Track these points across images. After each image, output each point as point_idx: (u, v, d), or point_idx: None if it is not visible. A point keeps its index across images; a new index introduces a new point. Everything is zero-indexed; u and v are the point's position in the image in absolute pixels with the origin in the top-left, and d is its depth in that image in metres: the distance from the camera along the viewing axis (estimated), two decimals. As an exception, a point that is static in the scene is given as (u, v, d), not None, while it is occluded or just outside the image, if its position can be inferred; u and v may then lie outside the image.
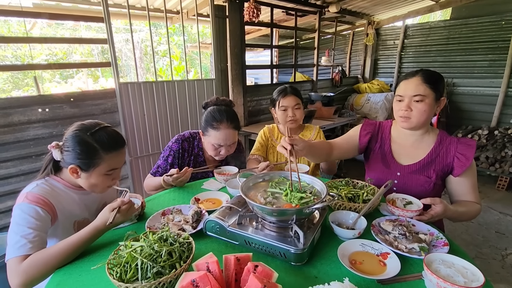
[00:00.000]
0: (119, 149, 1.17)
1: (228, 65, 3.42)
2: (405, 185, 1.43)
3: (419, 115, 1.30)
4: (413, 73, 1.33)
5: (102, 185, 1.18)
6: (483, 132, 4.09)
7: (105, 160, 1.12)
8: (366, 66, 5.91)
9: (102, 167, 1.13)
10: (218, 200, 1.42)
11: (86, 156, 1.10)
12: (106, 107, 2.60)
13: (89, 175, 1.13)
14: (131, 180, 2.83)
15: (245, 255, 0.87)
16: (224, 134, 1.61)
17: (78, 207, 1.21)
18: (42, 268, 0.94)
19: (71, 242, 0.99)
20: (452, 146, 1.35)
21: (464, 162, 1.30)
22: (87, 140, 1.10)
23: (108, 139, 1.13)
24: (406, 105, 1.31)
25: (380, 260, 0.96)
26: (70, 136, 1.11)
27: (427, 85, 1.27)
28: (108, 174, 1.16)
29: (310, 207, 0.94)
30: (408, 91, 1.30)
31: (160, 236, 0.93)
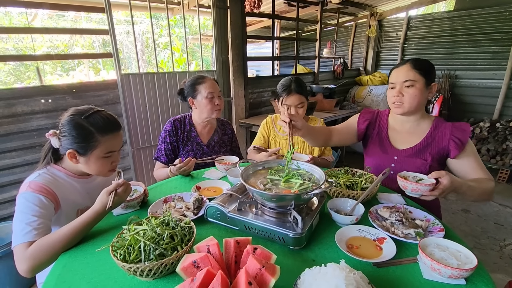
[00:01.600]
0: (115, 131, 1.19)
1: (229, 56, 3.42)
2: (402, 168, 1.45)
3: (411, 99, 1.35)
4: (402, 62, 1.40)
5: (102, 169, 1.20)
6: (485, 124, 4.08)
7: (101, 142, 1.14)
8: (368, 58, 5.87)
9: (99, 149, 1.15)
10: (218, 188, 1.45)
11: (82, 139, 1.12)
12: (108, 98, 2.62)
13: (87, 158, 1.15)
14: (134, 171, 2.86)
15: (244, 238, 0.89)
16: (211, 83, 1.80)
17: (80, 195, 1.24)
18: (48, 253, 0.97)
19: (74, 226, 1.01)
20: (447, 130, 1.40)
21: (460, 146, 1.35)
22: (82, 124, 1.11)
23: (103, 122, 1.15)
24: (397, 91, 1.37)
25: (376, 244, 0.99)
26: (65, 121, 1.13)
27: (416, 70, 1.34)
28: (107, 157, 1.18)
29: (309, 193, 0.96)
30: (399, 78, 1.36)
31: (162, 220, 0.96)
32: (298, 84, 1.80)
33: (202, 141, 1.90)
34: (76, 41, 8.99)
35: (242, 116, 3.69)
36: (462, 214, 3.05)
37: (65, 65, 8.87)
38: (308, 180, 1.11)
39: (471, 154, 1.36)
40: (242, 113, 3.68)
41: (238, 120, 3.65)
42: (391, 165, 1.50)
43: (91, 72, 8.68)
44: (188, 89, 1.83)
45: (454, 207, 3.18)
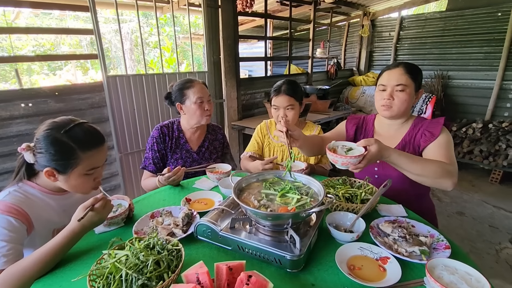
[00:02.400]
0: (98, 146, 1.08)
1: (221, 57, 3.32)
2: (384, 171, 1.45)
3: (400, 103, 1.33)
4: (395, 64, 1.38)
5: (84, 186, 1.11)
6: (478, 125, 4.09)
7: (83, 159, 1.03)
8: (362, 58, 5.85)
9: (81, 167, 1.04)
10: (210, 200, 1.36)
11: (61, 157, 1.01)
12: (94, 102, 2.50)
13: (67, 177, 1.05)
14: (121, 177, 2.75)
15: (237, 263, 0.81)
16: (200, 87, 1.71)
17: (56, 213, 1.13)
18: (19, 281, 0.87)
19: (47, 250, 0.91)
20: (423, 126, 1.37)
21: (429, 137, 1.32)
22: (62, 139, 1.01)
23: (85, 136, 1.04)
24: (388, 94, 1.34)
25: (379, 265, 0.92)
26: (41, 137, 1.01)
27: (408, 75, 1.32)
28: (89, 174, 1.08)
29: (307, 211, 0.89)
30: (391, 81, 1.34)
31: (147, 244, 0.87)
32: (290, 86, 1.72)
33: (191, 148, 1.81)
34: (63, 40, 8.72)
35: (234, 118, 3.60)
36: (457, 217, 3.03)
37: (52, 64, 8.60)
38: (306, 194, 1.04)
39: (442, 144, 1.28)
40: (234, 115, 3.59)
41: (230, 122, 3.56)
42: (375, 169, 1.49)
43: (79, 71, 8.44)
44: (176, 94, 1.73)
45: (449, 209, 3.16)
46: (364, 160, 1.03)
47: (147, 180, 1.72)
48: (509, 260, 2.40)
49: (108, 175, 2.71)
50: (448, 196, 3.44)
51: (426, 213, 1.34)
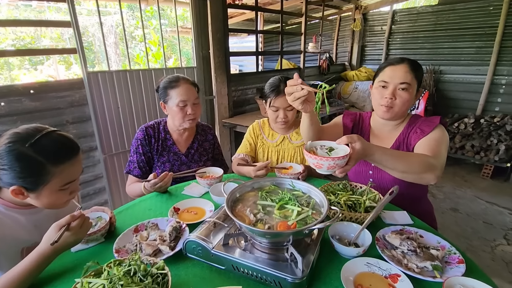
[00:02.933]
0: (72, 157, 0.94)
1: (211, 51, 3.17)
2: (379, 174, 1.37)
3: (402, 104, 1.25)
4: (398, 59, 1.27)
5: (57, 202, 0.97)
6: (469, 120, 4.09)
7: (55, 174, 0.90)
8: (354, 53, 5.77)
9: (53, 183, 0.91)
10: (200, 209, 1.25)
11: (29, 173, 0.87)
12: (74, 100, 2.33)
13: (38, 194, 0.91)
14: (106, 180, 2.60)
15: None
16: (184, 89, 1.55)
17: (26, 230, 1.00)
18: None
19: (13, 276, 0.79)
20: (417, 125, 1.30)
21: (419, 135, 1.26)
22: (27, 154, 0.86)
23: (55, 148, 0.90)
24: (391, 92, 1.24)
25: (389, 283, 0.83)
26: (3, 151, 0.86)
27: (413, 73, 1.23)
28: (63, 189, 0.95)
29: (310, 227, 0.79)
30: (395, 78, 1.23)
31: (128, 270, 0.75)
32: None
33: (179, 150, 1.68)
34: (43, 33, 8.32)
35: (225, 116, 3.47)
36: (451, 213, 3.01)
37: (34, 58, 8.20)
38: (307, 205, 0.94)
39: (431, 139, 1.21)
40: (225, 112, 3.46)
41: (221, 120, 3.43)
42: (369, 173, 1.40)
43: (62, 66, 8.08)
44: (161, 91, 1.60)
45: (443, 206, 3.14)
46: (351, 160, 0.89)
47: (132, 186, 1.60)
48: (505, 257, 2.39)
49: (92, 177, 2.56)
50: (442, 192, 3.43)
51: (424, 215, 1.27)
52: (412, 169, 1.05)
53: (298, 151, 1.74)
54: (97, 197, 2.63)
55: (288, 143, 1.75)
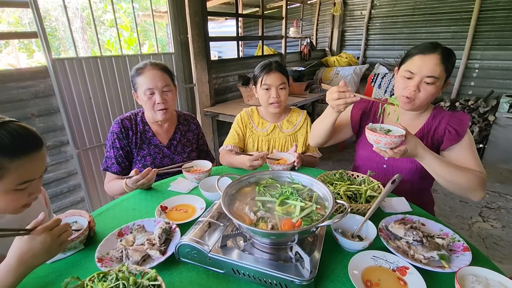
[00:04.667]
0: (32, 152, 0.80)
1: (189, 36, 2.98)
2: (395, 162, 1.32)
3: (425, 98, 1.17)
4: (431, 47, 1.14)
5: (14, 204, 0.83)
6: (445, 104, 4.21)
7: (10, 170, 0.76)
8: (334, 38, 5.73)
9: (8, 180, 0.77)
10: (190, 207, 1.15)
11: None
12: (38, 90, 2.09)
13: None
14: (82, 176, 2.41)
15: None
16: (150, 75, 1.41)
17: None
18: None
19: None
20: (444, 120, 1.25)
21: (454, 137, 1.21)
22: None
23: (11, 140, 0.76)
24: (415, 85, 1.15)
25: (398, 277, 0.80)
26: None
27: (444, 66, 1.12)
28: (21, 189, 0.81)
29: (318, 225, 0.73)
30: (424, 70, 1.13)
31: (115, 285, 0.66)
32: (279, 63, 1.60)
33: (160, 142, 1.56)
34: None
35: (207, 104, 3.33)
36: (431, 195, 3.12)
37: (-12, 46, 7.44)
38: (309, 199, 0.87)
39: (468, 145, 1.20)
40: (206, 100, 3.32)
41: (202, 109, 3.28)
42: (384, 159, 1.35)
43: (23, 54, 7.41)
44: (132, 80, 1.47)
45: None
46: (398, 151, 0.98)
47: (111, 183, 1.46)
48: (481, 233, 2.51)
49: (65, 174, 2.36)
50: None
51: (426, 206, 1.26)
52: (462, 183, 1.08)
53: (289, 140, 1.67)
54: (72, 195, 2.45)
55: (279, 132, 1.68)
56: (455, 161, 1.20)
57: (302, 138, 1.70)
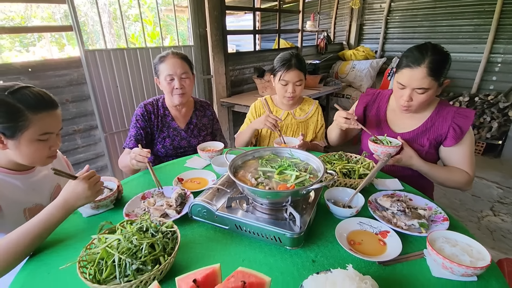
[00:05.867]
0: (50, 109, 1.00)
1: (208, 30, 3.14)
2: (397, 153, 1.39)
3: (418, 104, 1.27)
4: (418, 59, 1.18)
5: (38, 154, 1.02)
6: (464, 99, 4.14)
7: (33, 121, 0.96)
8: (352, 31, 5.70)
9: (31, 130, 0.96)
10: (203, 179, 1.31)
11: (8, 118, 0.93)
12: (72, 78, 2.33)
13: (17, 142, 0.96)
14: (108, 158, 2.65)
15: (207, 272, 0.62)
16: (172, 62, 1.57)
17: (24, 193, 1.06)
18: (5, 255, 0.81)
19: (31, 226, 0.86)
20: (449, 115, 1.30)
21: (459, 135, 1.27)
22: (7, 100, 0.93)
23: (34, 98, 0.96)
24: (408, 95, 1.25)
25: (379, 239, 0.91)
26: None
27: (432, 78, 1.18)
28: (42, 140, 1.00)
29: (307, 188, 0.86)
30: (413, 83, 1.21)
31: (140, 227, 0.82)
32: (298, 59, 1.66)
33: (178, 125, 1.72)
34: (34, 13, 8.06)
35: (223, 95, 3.49)
36: (441, 188, 3.10)
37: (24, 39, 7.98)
38: (305, 170, 1.00)
39: (464, 146, 1.29)
40: (223, 91, 3.47)
41: (219, 99, 3.44)
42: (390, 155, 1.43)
43: (55, 48, 7.90)
44: (154, 67, 1.63)
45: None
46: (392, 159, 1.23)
47: (122, 156, 1.56)
48: (490, 226, 2.52)
49: (93, 156, 2.61)
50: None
51: (425, 190, 1.35)
52: (451, 185, 1.32)
53: (301, 126, 1.79)
54: (100, 175, 2.69)
55: (292, 119, 1.79)
56: (452, 159, 1.32)
57: (312, 125, 1.81)
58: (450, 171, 1.30)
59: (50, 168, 1.17)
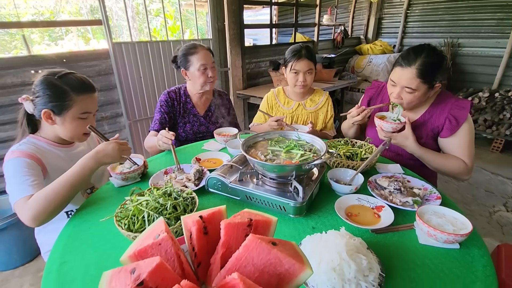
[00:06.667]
0: (89, 92, 1.18)
1: (226, 24, 3.26)
2: None
3: (407, 104, 1.33)
4: (410, 60, 1.24)
5: (78, 130, 1.20)
6: (484, 94, 4.05)
7: (76, 102, 1.14)
8: (370, 25, 5.66)
9: (74, 109, 1.14)
10: (218, 160, 1.45)
11: (57, 98, 1.11)
12: (101, 69, 2.53)
13: (63, 119, 1.14)
14: (131, 144, 2.85)
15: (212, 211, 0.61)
16: (204, 53, 1.71)
17: (65, 162, 1.23)
18: (46, 202, 0.98)
19: (67, 177, 1.04)
20: (447, 107, 1.34)
21: (454, 126, 1.30)
22: (56, 83, 1.11)
23: (77, 82, 1.14)
24: (397, 93, 1.32)
25: (375, 212, 1.01)
26: (39, 82, 1.12)
27: (420, 80, 1.24)
28: (82, 118, 1.17)
29: (310, 163, 0.97)
30: (402, 81, 1.28)
31: (164, 191, 0.96)
32: (308, 50, 1.76)
33: (198, 112, 1.86)
34: (62, 8, 8.48)
35: (239, 87, 3.61)
36: (454, 182, 3.13)
37: (53, 34, 8.43)
38: (309, 150, 1.11)
39: (461, 135, 1.31)
40: (239, 84, 3.60)
41: (235, 91, 3.58)
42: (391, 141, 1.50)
43: (81, 41, 8.29)
44: (181, 59, 1.74)
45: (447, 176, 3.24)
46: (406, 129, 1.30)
47: (149, 137, 1.70)
48: (501, 221, 2.52)
49: (118, 141, 2.81)
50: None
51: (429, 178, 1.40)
52: (446, 172, 1.35)
53: (311, 116, 1.88)
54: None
55: (302, 109, 1.89)
56: (449, 149, 1.36)
57: (322, 116, 1.90)
58: (445, 157, 1.34)
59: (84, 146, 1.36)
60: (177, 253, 0.52)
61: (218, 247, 0.56)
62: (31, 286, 1.97)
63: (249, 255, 0.48)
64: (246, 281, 0.42)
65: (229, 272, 0.48)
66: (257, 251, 0.48)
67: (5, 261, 2.06)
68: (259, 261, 0.47)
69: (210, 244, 0.58)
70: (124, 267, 0.46)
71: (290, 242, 0.52)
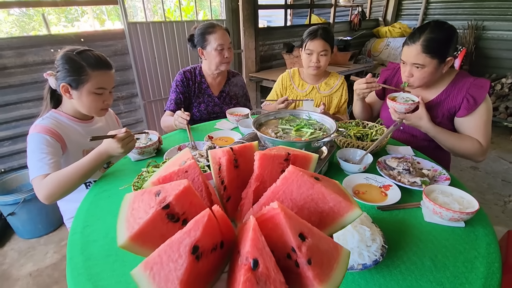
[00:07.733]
0: (105, 69, 1.23)
1: (240, 4, 3.21)
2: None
3: (419, 80, 1.32)
4: (415, 37, 1.25)
5: (94, 105, 1.25)
6: (507, 80, 3.87)
7: (92, 77, 1.18)
8: (389, 7, 5.42)
9: (90, 84, 1.19)
10: (230, 138, 1.48)
11: (74, 73, 1.16)
12: (117, 49, 2.57)
13: (79, 93, 1.20)
14: (146, 124, 2.92)
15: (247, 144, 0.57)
16: (221, 33, 1.71)
17: (84, 138, 1.29)
18: (59, 185, 1.06)
19: (81, 164, 1.10)
20: (465, 86, 1.32)
21: (472, 105, 1.28)
22: (74, 58, 1.16)
23: (94, 59, 1.19)
24: (408, 71, 1.32)
25: (382, 191, 1.03)
26: (60, 57, 1.18)
27: (427, 55, 1.23)
28: (98, 94, 1.22)
29: (319, 141, 0.99)
30: (410, 59, 1.29)
31: (178, 164, 1.01)
32: (325, 30, 1.72)
33: (213, 92, 1.89)
34: (78, -11, 8.50)
35: (252, 70, 3.60)
36: (470, 171, 3.07)
37: (69, 15, 8.53)
38: (319, 129, 1.13)
39: (478, 116, 1.29)
40: (252, 66, 3.58)
41: (248, 74, 3.56)
42: (400, 128, 1.51)
43: (96, 22, 8.36)
44: (198, 38, 1.75)
45: (463, 164, 3.19)
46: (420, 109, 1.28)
47: (165, 117, 1.77)
48: (516, 211, 2.48)
49: (134, 121, 2.89)
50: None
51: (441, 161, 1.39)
52: (460, 153, 1.33)
53: (325, 100, 1.86)
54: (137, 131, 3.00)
55: (316, 93, 1.88)
56: (465, 128, 1.33)
57: (336, 100, 1.87)
58: (459, 137, 1.32)
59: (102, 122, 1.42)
60: (205, 182, 0.47)
61: (251, 181, 0.50)
62: (54, 253, 2.12)
63: (288, 189, 0.42)
64: (287, 212, 0.36)
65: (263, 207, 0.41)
66: (297, 184, 0.42)
67: (31, 230, 2.22)
68: (299, 196, 0.42)
69: (240, 178, 0.52)
70: (147, 189, 0.42)
71: (334, 180, 0.47)
